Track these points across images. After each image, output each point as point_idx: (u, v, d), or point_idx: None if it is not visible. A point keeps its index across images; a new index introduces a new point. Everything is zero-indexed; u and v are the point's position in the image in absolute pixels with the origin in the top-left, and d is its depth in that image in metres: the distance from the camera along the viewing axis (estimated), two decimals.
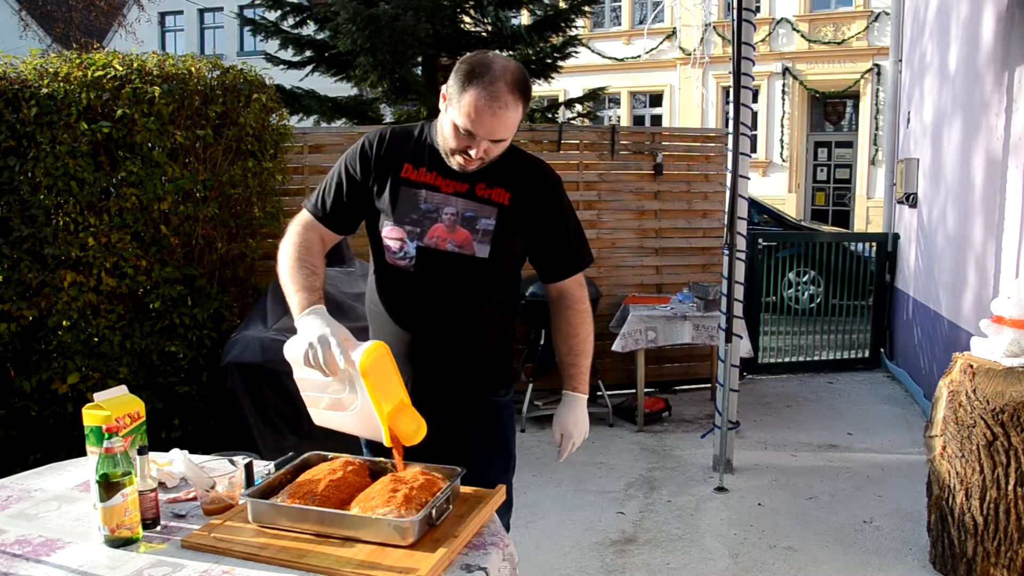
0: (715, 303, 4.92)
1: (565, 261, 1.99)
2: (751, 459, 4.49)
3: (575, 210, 2.04)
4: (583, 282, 2.03)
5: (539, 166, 1.97)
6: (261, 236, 4.37)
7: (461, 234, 1.85)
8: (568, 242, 1.98)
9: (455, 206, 1.86)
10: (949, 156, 5.05)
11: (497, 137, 1.76)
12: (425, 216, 1.86)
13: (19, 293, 3.58)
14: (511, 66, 1.75)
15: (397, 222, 1.87)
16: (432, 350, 1.92)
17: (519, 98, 1.74)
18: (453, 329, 1.91)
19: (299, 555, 1.48)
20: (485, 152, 1.78)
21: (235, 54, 19.07)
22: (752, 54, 4.07)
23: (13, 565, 1.49)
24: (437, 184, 1.87)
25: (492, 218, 1.86)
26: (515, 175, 1.90)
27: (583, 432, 2.02)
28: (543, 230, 1.93)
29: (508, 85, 1.72)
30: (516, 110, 1.74)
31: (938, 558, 3.19)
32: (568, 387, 2.03)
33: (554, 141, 5.63)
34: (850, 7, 16.73)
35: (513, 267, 1.97)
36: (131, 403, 1.87)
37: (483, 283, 1.91)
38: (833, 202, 17.37)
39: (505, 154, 1.87)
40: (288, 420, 3.43)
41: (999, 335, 3.01)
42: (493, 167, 1.87)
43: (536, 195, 1.91)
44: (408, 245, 1.87)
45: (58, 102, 3.51)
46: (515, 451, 2.10)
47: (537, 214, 1.91)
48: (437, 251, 1.86)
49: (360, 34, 6.87)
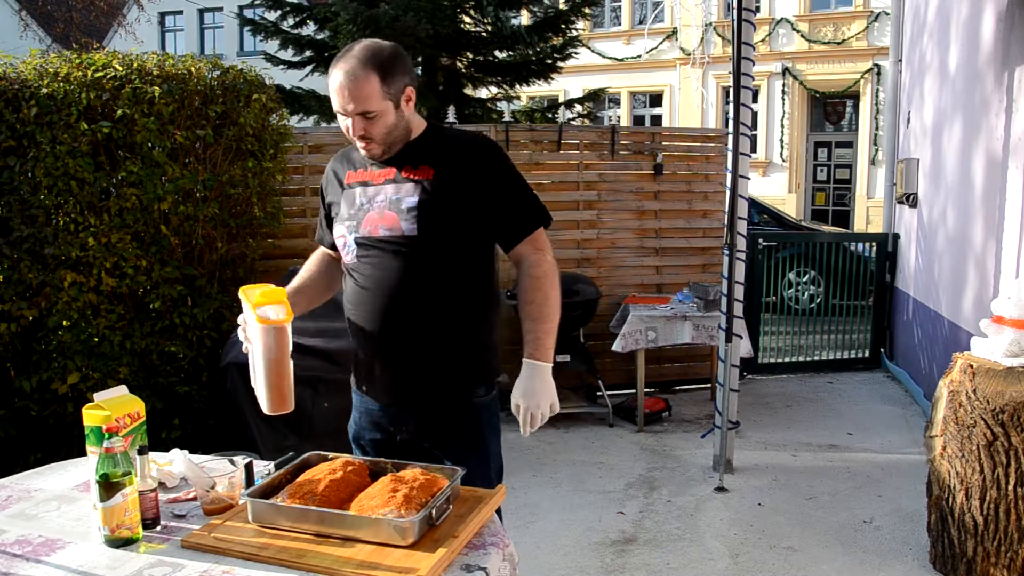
0: (715, 303, 4.92)
1: (510, 226, 1.94)
2: (751, 459, 4.49)
3: (522, 177, 1.99)
4: (541, 246, 1.96)
5: (469, 139, 1.97)
6: (261, 236, 4.36)
7: (389, 217, 1.90)
8: (508, 207, 1.93)
9: (384, 193, 1.93)
10: (949, 156, 5.05)
11: (360, 109, 1.82)
12: (360, 209, 1.95)
13: (19, 293, 3.58)
14: (372, 43, 1.85)
15: (339, 221, 2.00)
16: (394, 344, 1.93)
17: (371, 68, 1.80)
18: (407, 319, 1.91)
19: (299, 555, 1.48)
20: (364, 129, 1.85)
21: (235, 54, 19.07)
22: (752, 54, 4.07)
23: (13, 565, 1.49)
24: (370, 179, 1.97)
25: (415, 195, 1.88)
26: (441, 152, 1.93)
27: (541, 404, 1.86)
28: (478, 198, 1.90)
29: (357, 58, 1.81)
30: (368, 80, 1.80)
31: (938, 558, 3.19)
32: (524, 354, 1.90)
33: (554, 141, 5.63)
34: (850, 7, 16.73)
35: (453, 245, 1.91)
36: (131, 403, 1.87)
37: (424, 265, 1.89)
38: (833, 202, 17.38)
39: (434, 134, 1.96)
40: (288, 420, 3.41)
41: (999, 335, 3.01)
42: (418, 148, 1.93)
43: (464, 165, 1.90)
44: (348, 239, 1.96)
45: (58, 102, 3.51)
46: (497, 452, 2.05)
47: (468, 184, 1.89)
48: (372, 238, 1.92)
49: (360, 34, 6.88)
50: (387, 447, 2.03)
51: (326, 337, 3.33)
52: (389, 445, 2.02)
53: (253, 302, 1.78)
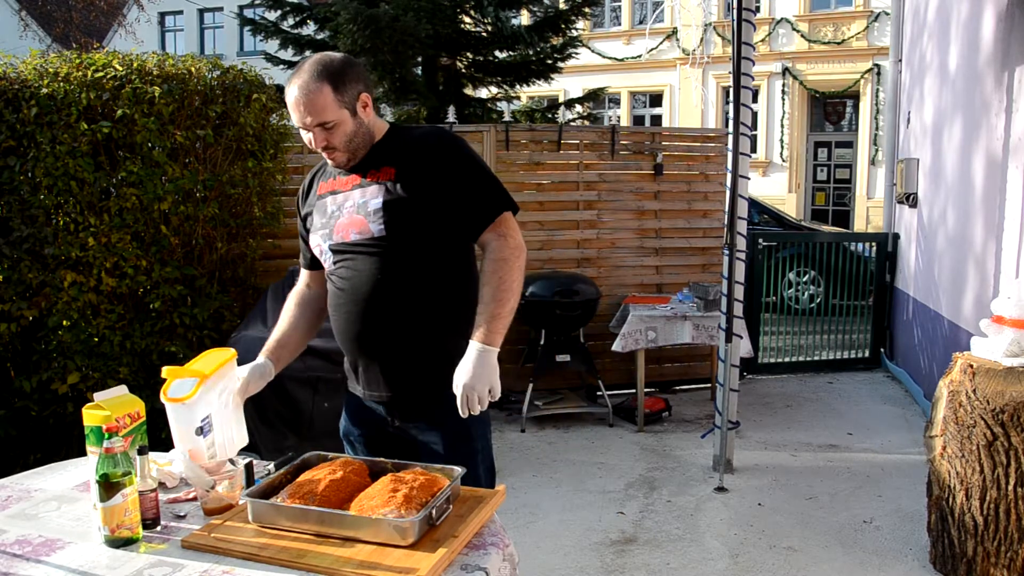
0: (715, 303, 4.93)
1: (471, 215, 1.93)
2: (751, 459, 4.49)
3: (484, 165, 1.98)
4: (504, 231, 1.93)
5: (427, 133, 2.00)
6: (261, 236, 4.37)
7: (358, 221, 1.93)
8: (468, 195, 1.92)
9: (352, 199, 1.96)
10: (949, 156, 5.05)
11: (317, 120, 1.87)
12: (331, 217, 1.99)
13: (19, 293, 3.58)
14: (322, 57, 1.90)
15: (313, 231, 2.05)
16: (373, 342, 1.97)
17: (321, 79, 1.85)
18: (383, 317, 1.94)
19: (299, 555, 1.48)
20: (326, 140, 1.90)
21: (235, 54, 19.07)
22: (752, 54, 4.07)
23: (13, 565, 1.49)
24: (338, 187, 2.01)
25: (380, 196, 1.91)
26: (402, 150, 1.96)
27: (477, 386, 1.79)
28: (440, 190, 1.90)
29: (307, 72, 1.86)
30: (321, 91, 1.85)
31: (938, 558, 3.19)
32: (472, 335, 1.85)
33: (554, 141, 5.63)
34: (850, 7, 16.73)
35: (423, 242, 1.92)
36: (131, 403, 1.87)
37: (396, 263, 1.91)
38: (833, 202, 17.38)
39: (396, 135, 1.99)
40: (288, 421, 3.43)
41: (999, 335, 3.01)
42: (381, 151, 1.96)
43: (424, 160, 1.92)
44: (324, 247, 2.00)
45: (58, 102, 3.51)
46: (486, 444, 2.04)
47: (429, 177, 1.90)
48: (345, 243, 1.95)
49: (361, 34, 6.88)
50: (374, 442, 2.05)
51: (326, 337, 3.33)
52: (376, 440, 2.05)
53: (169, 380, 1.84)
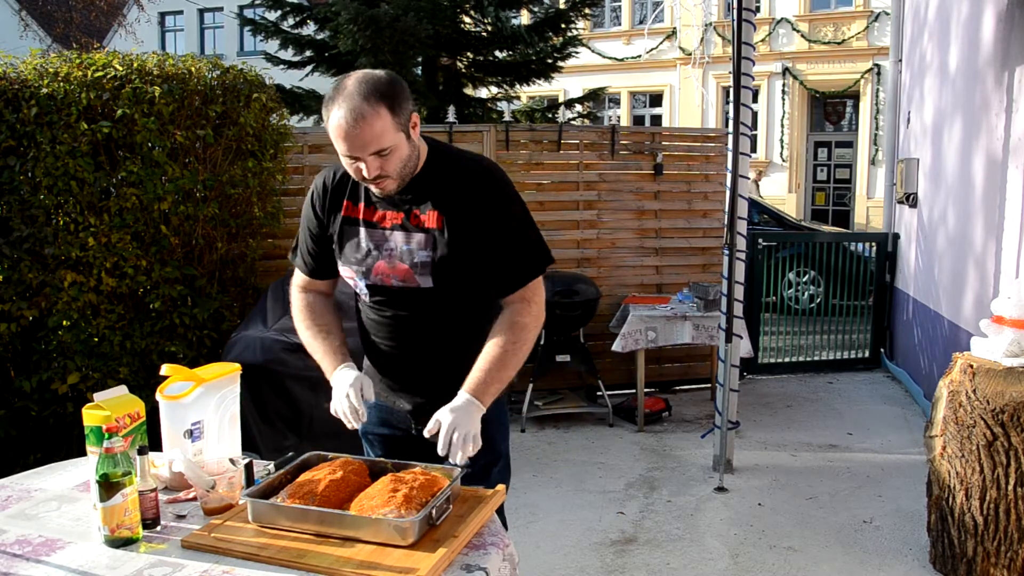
0: (715, 303, 4.92)
1: (509, 277, 1.86)
2: (751, 459, 4.49)
3: (528, 214, 1.88)
4: (530, 296, 1.87)
5: (475, 174, 1.84)
6: (261, 236, 4.37)
7: (401, 269, 1.83)
8: (511, 257, 1.85)
9: (393, 241, 1.84)
10: (949, 156, 5.05)
11: (372, 149, 1.69)
12: (367, 255, 1.86)
13: (19, 293, 3.58)
14: (367, 76, 1.71)
15: (344, 263, 1.91)
16: (413, 369, 1.96)
17: (378, 103, 1.67)
18: (425, 349, 1.93)
19: (299, 555, 1.48)
20: (380, 168, 1.72)
21: (235, 54, 19.06)
22: (752, 54, 4.07)
23: (13, 565, 1.49)
24: (375, 219, 1.86)
25: (427, 249, 1.81)
26: (449, 190, 1.81)
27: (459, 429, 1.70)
28: (485, 246, 1.83)
29: (361, 95, 1.67)
30: (379, 116, 1.67)
31: (938, 558, 3.19)
32: (465, 386, 1.78)
33: (554, 141, 5.63)
34: (850, 7, 16.74)
35: (469, 284, 1.86)
36: (131, 403, 1.87)
37: (443, 307, 1.87)
38: (833, 202, 17.38)
39: (438, 162, 1.83)
40: (288, 420, 3.43)
41: (999, 335, 3.01)
42: (424, 183, 1.81)
43: (471, 210, 1.81)
44: (359, 283, 1.90)
45: (58, 102, 3.51)
46: (506, 449, 2.07)
47: (476, 232, 1.81)
48: (385, 286, 1.87)
49: (361, 34, 6.89)
50: (396, 443, 2.04)
51: None
52: (398, 441, 2.03)
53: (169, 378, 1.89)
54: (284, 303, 3.84)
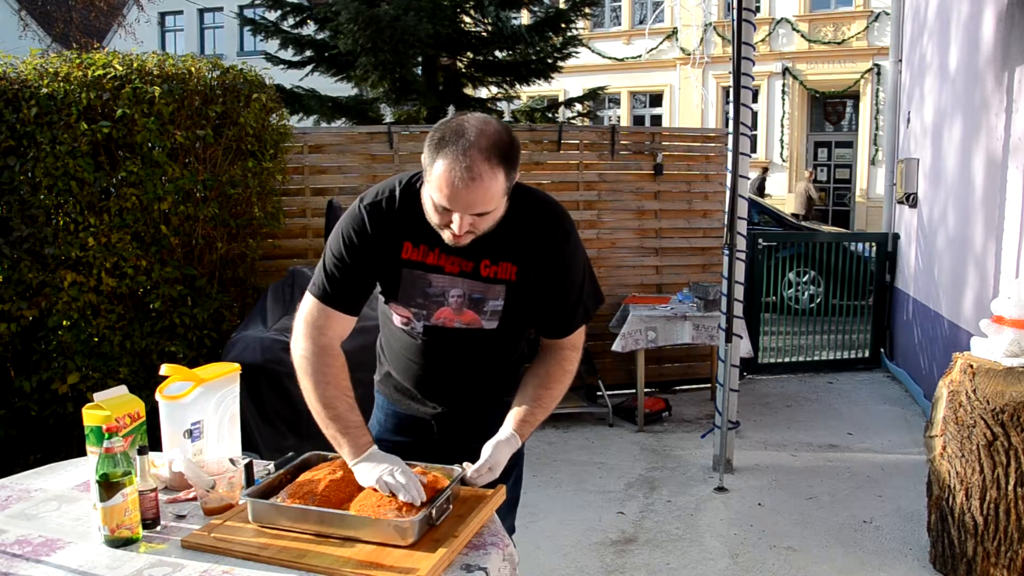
0: (715, 303, 4.92)
1: (562, 325, 1.87)
2: (751, 459, 4.49)
3: (590, 264, 1.89)
4: (577, 344, 1.89)
5: (549, 229, 1.77)
6: (261, 236, 4.37)
7: (468, 315, 1.80)
8: (570, 309, 1.84)
9: (461, 288, 1.77)
10: (949, 156, 5.05)
11: (477, 211, 1.58)
12: (431, 300, 1.79)
13: (19, 293, 3.58)
14: (488, 129, 1.57)
15: (402, 303, 1.81)
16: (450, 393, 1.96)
17: (497, 164, 1.55)
18: (463, 373, 1.93)
19: (299, 555, 1.48)
20: (471, 225, 1.61)
21: (235, 54, 19.07)
22: (752, 54, 4.07)
23: (13, 565, 1.49)
24: (441, 264, 1.75)
25: (500, 298, 1.78)
26: (522, 241, 1.75)
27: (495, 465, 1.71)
28: (550, 296, 1.82)
29: (483, 152, 1.53)
30: (494, 179, 1.55)
31: (938, 558, 3.19)
32: (512, 423, 1.78)
33: (554, 141, 5.63)
34: (850, 7, 16.74)
35: (527, 325, 1.91)
36: (131, 403, 1.87)
37: (493, 346, 1.89)
38: (833, 202, 17.38)
39: (515, 213, 1.72)
40: (288, 420, 3.43)
41: (999, 335, 3.01)
42: (499, 235, 1.71)
43: (544, 265, 1.77)
44: (415, 323, 1.82)
45: (58, 102, 3.51)
46: (520, 464, 2.08)
47: (545, 284, 1.80)
48: (445, 328, 1.83)
49: (361, 34, 6.88)
50: (411, 449, 2.01)
51: None
52: (415, 447, 2.00)
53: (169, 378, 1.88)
54: (284, 303, 3.84)
